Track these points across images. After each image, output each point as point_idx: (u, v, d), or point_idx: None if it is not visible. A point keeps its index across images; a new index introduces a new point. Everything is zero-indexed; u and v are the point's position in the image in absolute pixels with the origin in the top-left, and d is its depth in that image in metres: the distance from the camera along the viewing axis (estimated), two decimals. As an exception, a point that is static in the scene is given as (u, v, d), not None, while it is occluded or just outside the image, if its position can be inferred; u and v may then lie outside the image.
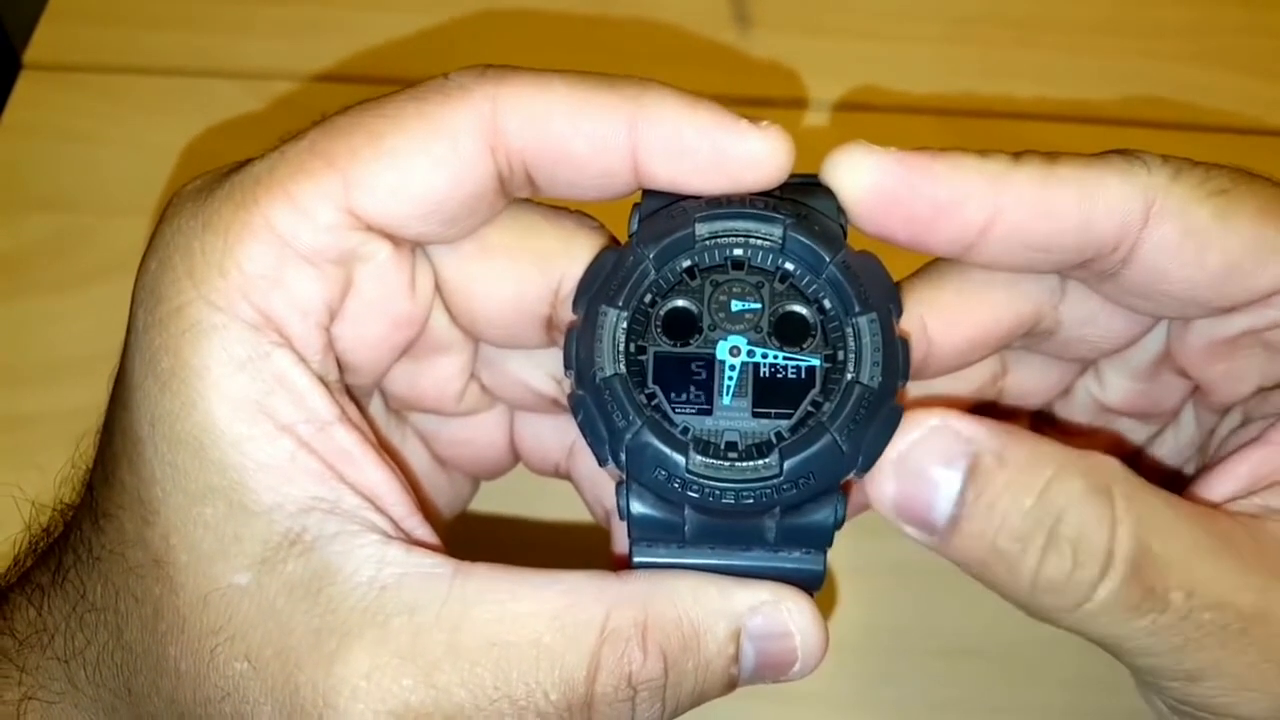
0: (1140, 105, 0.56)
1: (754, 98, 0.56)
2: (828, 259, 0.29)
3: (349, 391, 0.31)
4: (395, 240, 0.30)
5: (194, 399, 0.27)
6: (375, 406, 0.35)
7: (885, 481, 0.28)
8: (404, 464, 0.36)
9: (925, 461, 0.28)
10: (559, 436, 0.37)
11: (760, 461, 0.28)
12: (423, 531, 0.30)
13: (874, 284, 0.29)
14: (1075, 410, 0.37)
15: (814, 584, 0.29)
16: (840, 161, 0.29)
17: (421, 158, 0.28)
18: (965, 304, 0.32)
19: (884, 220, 0.29)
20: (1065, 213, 0.29)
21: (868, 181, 0.29)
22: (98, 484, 0.30)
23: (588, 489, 0.37)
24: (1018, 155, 0.29)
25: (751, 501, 0.28)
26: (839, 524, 0.29)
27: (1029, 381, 0.36)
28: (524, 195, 0.31)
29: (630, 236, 0.30)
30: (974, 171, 0.29)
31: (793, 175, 0.29)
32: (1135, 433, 0.37)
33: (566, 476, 0.38)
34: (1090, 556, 0.27)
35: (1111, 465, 0.28)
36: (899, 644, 0.42)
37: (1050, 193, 0.29)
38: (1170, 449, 0.37)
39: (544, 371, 0.34)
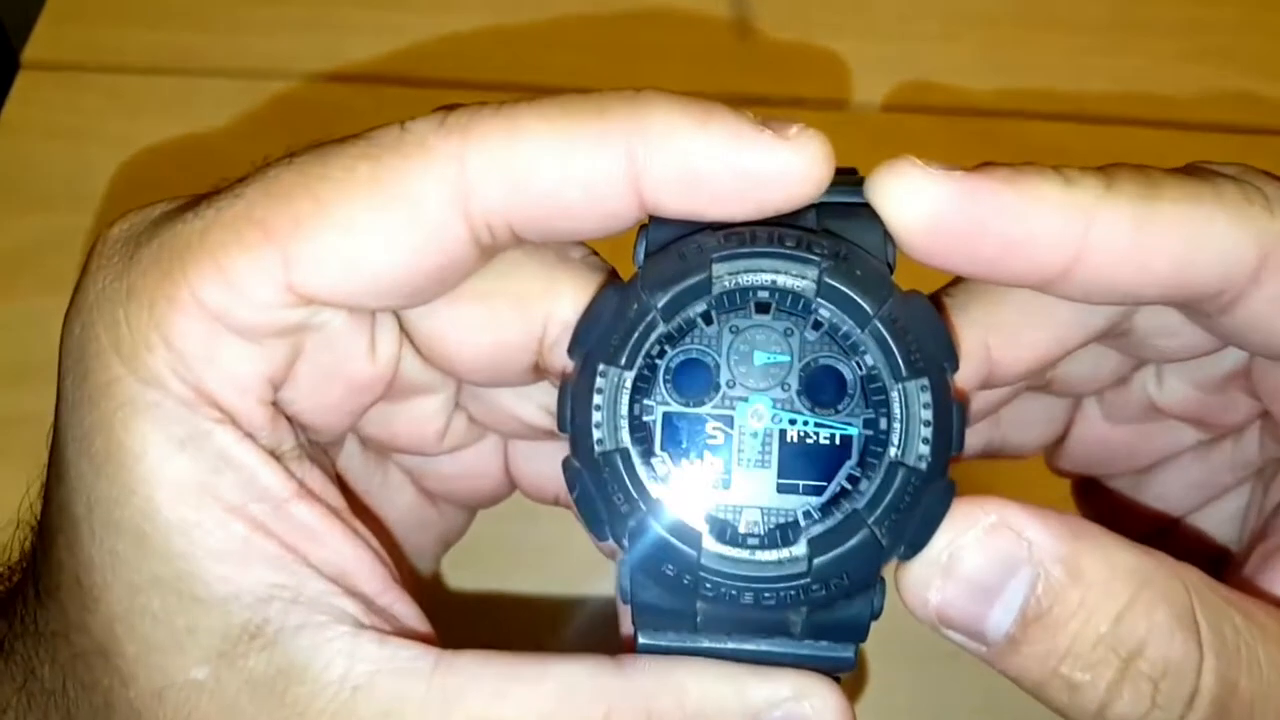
0: (1141, 104, 0.54)
1: (754, 97, 0.53)
2: (871, 312, 0.24)
3: (313, 446, 0.27)
4: (348, 309, 0.25)
5: (133, 485, 0.24)
6: (351, 447, 0.31)
7: (927, 587, 0.24)
8: (388, 507, 0.32)
9: (979, 567, 0.23)
10: (556, 465, 0.31)
11: (785, 553, 0.23)
12: (401, 607, 0.26)
13: (926, 338, 0.24)
14: (1127, 404, 0.32)
15: (843, 670, 0.25)
16: (888, 185, 0.24)
17: (375, 232, 0.23)
18: (1030, 324, 0.27)
19: (942, 257, 0.24)
20: (1163, 261, 0.24)
21: (923, 212, 0.23)
22: (39, 553, 0.27)
23: None
24: (1109, 177, 0.24)
25: (774, 604, 0.23)
26: (875, 615, 0.24)
27: (1084, 371, 0.31)
28: (510, 249, 0.26)
29: (637, 271, 0.25)
30: (1055, 206, 0.23)
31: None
32: (1185, 434, 0.32)
33: (567, 506, 0.33)
34: (1172, 698, 0.23)
35: (1193, 579, 0.24)
36: (902, 647, 0.42)
37: (1147, 238, 0.24)
38: (1227, 461, 0.32)
39: (535, 403, 0.30)
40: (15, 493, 0.35)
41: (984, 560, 0.23)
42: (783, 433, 0.24)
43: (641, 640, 0.25)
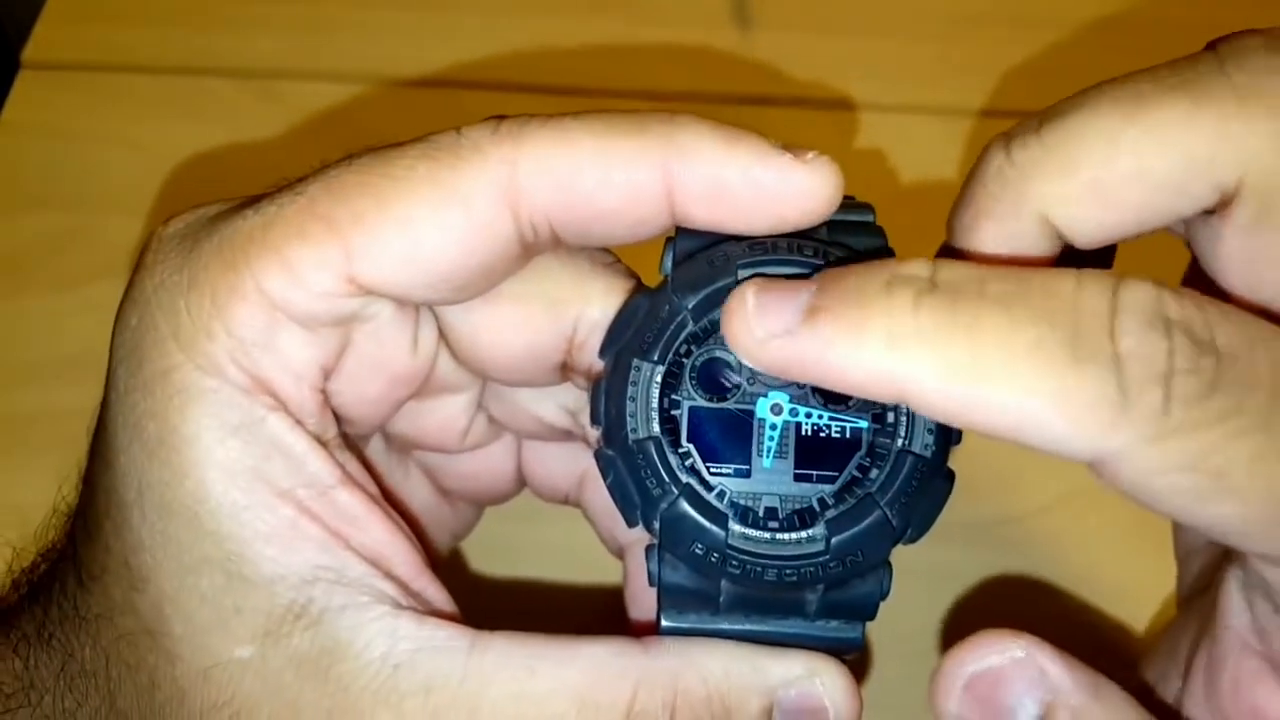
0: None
1: (754, 96, 0.54)
2: None
3: (347, 440, 0.29)
4: (399, 300, 0.27)
5: (185, 468, 0.25)
6: (374, 444, 0.33)
7: (950, 698, 0.25)
8: (407, 502, 0.34)
9: (997, 690, 0.25)
10: (568, 465, 0.34)
11: (804, 534, 0.25)
12: (433, 591, 0.28)
13: None
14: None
15: (851, 650, 0.27)
16: (729, 318, 0.24)
17: (432, 226, 0.26)
18: None
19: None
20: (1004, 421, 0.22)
21: (762, 356, 0.24)
22: (81, 539, 0.28)
23: (600, 521, 0.35)
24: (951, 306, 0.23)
25: (795, 579, 0.25)
26: (884, 595, 0.26)
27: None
28: (549, 250, 0.28)
29: (664, 278, 0.27)
30: (876, 361, 0.23)
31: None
32: None
33: (577, 505, 0.36)
34: None
35: None
36: (902, 646, 0.41)
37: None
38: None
39: (556, 403, 0.32)
40: (17, 489, 0.35)
41: (1003, 684, 0.25)
42: (798, 426, 0.26)
43: (665, 623, 0.27)
